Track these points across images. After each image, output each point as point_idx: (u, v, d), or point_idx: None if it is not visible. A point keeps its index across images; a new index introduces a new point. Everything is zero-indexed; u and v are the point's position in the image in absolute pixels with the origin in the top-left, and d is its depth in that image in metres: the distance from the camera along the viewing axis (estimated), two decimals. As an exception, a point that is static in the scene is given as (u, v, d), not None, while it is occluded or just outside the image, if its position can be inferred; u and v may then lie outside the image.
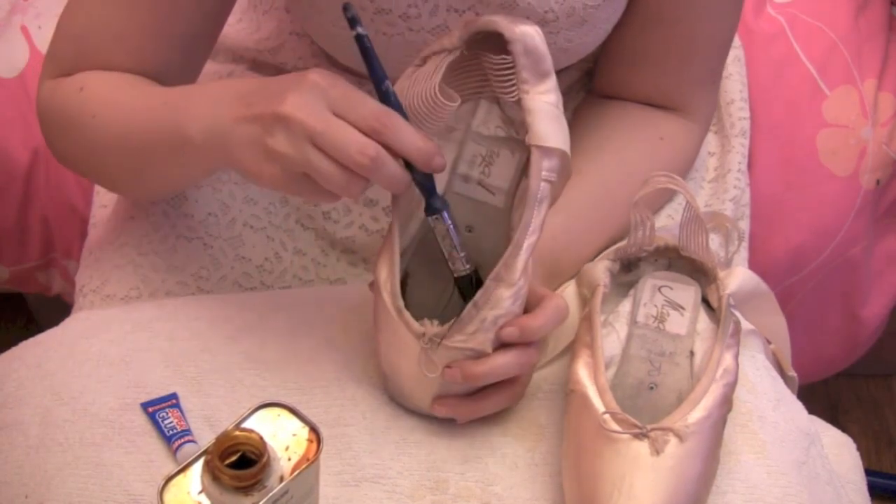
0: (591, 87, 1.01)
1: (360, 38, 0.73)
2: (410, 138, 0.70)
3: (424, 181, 0.74)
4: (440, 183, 0.80)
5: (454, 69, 0.75)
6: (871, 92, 1.21)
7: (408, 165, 0.72)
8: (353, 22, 0.73)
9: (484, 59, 0.74)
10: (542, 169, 0.73)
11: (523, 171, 0.76)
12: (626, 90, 0.96)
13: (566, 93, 1.00)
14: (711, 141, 1.06)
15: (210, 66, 1.00)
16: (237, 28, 1.00)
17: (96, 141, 0.84)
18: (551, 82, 0.73)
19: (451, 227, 0.75)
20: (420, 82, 0.73)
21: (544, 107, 0.72)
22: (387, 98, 0.73)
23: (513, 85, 0.73)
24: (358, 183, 0.70)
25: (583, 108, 0.99)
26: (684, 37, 0.91)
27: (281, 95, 0.70)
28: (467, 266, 0.76)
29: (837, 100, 1.20)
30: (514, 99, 0.73)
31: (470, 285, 0.76)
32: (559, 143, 0.73)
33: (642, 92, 0.95)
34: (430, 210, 0.75)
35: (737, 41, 1.14)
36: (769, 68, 1.19)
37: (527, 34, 0.71)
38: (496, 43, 0.72)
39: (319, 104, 0.70)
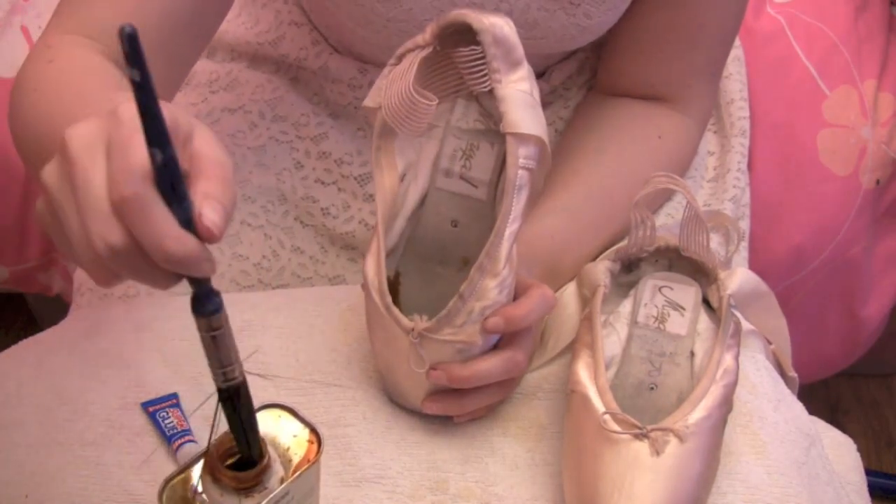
0: (592, 83, 1.01)
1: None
2: (166, 238, 0.51)
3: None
4: (423, 178, 0.80)
5: (431, 70, 0.75)
6: (870, 92, 1.21)
7: None
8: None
9: (454, 54, 0.74)
10: (519, 156, 0.72)
11: (504, 162, 0.76)
12: (626, 81, 0.96)
13: (565, 86, 1.01)
14: (711, 140, 1.06)
15: (209, 66, 1.00)
16: (236, 23, 1.01)
17: (27, 114, 0.75)
18: (524, 71, 0.73)
19: (226, 330, 0.56)
20: (396, 81, 0.73)
21: (518, 95, 0.72)
22: (163, 172, 0.51)
23: (484, 75, 0.73)
24: (102, 273, 0.55)
25: (582, 106, 1.00)
26: (689, 22, 0.91)
27: (68, 136, 0.55)
28: (234, 378, 0.57)
29: (837, 100, 1.20)
30: (486, 89, 0.73)
31: (231, 400, 0.57)
32: (534, 129, 0.72)
33: (644, 80, 0.95)
34: (199, 307, 0.55)
35: (736, 41, 1.14)
36: (769, 68, 1.19)
37: (496, 24, 0.71)
38: (469, 38, 0.73)
39: (100, 138, 0.54)
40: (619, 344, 0.80)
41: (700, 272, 0.82)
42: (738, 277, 0.83)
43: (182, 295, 0.88)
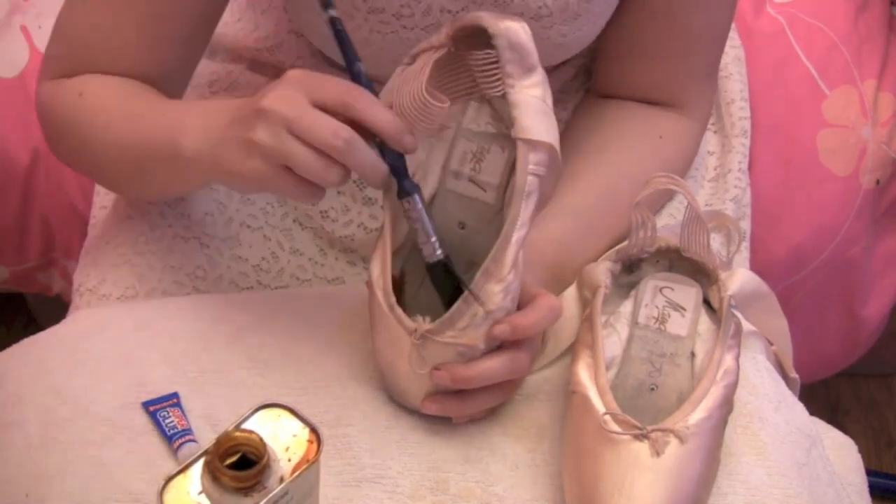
0: (589, 86, 1.01)
1: (332, 21, 0.75)
2: (381, 113, 0.71)
3: (396, 163, 0.74)
4: (432, 180, 0.80)
5: (444, 71, 0.75)
6: (870, 92, 1.21)
7: (381, 151, 0.73)
8: (325, 4, 0.75)
9: (469, 56, 0.74)
10: (529, 162, 0.72)
11: (514, 167, 0.76)
12: (624, 87, 0.96)
13: (562, 90, 1.00)
14: (711, 140, 1.06)
15: (209, 66, 1.00)
16: (236, 27, 1.00)
17: (94, 147, 0.85)
18: (538, 76, 0.73)
19: (422, 210, 0.75)
20: (409, 81, 0.73)
21: (530, 100, 0.72)
22: (358, 79, 0.74)
23: (497, 79, 0.73)
24: (335, 168, 0.71)
25: (582, 108, 0.99)
26: (679, 30, 0.91)
27: (262, 94, 0.72)
28: (438, 252, 0.75)
29: (837, 100, 1.20)
30: (499, 93, 0.73)
31: (443, 273, 0.76)
32: (546, 136, 0.73)
33: (640, 88, 0.95)
34: (402, 193, 0.75)
35: (737, 41, 1.14)
36: (769, 68, 1.19)
37: (511, 29, 0.71)
38: (484, 41, 0.72)
39: (297, 94, 0.71)
40: (620, 344, 0.80)
41: (701, 273, 0.82)
42: (739, 278, 0.83)
43: (180, 296, 0.89)
